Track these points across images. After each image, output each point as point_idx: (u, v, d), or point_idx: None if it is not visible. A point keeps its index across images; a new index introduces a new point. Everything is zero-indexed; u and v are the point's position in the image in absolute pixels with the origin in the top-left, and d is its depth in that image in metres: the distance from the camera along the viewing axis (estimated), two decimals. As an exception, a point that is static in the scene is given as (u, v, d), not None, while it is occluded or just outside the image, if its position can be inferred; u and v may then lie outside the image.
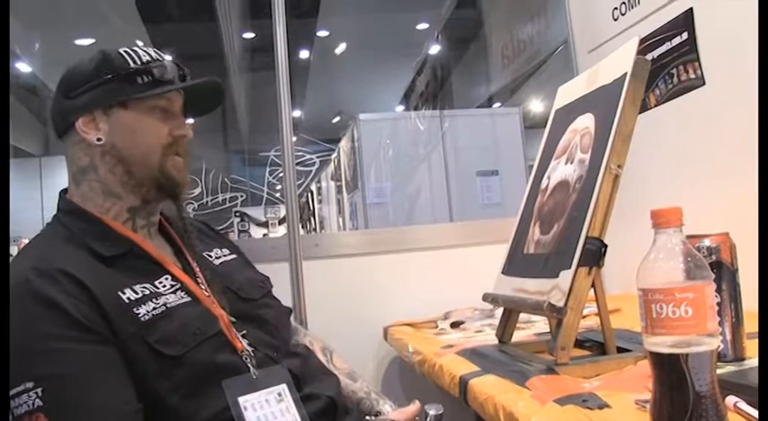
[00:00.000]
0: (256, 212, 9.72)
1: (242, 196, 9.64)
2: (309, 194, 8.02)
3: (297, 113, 9.11)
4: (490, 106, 5.73)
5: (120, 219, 1.07)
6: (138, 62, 1.06)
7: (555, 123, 1.38)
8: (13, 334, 0.85)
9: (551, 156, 1.33)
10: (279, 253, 1.91)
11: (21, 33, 5.80)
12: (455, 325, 1.68)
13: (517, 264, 1.31)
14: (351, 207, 5.06)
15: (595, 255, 1.06)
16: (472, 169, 4.24)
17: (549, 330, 1.31)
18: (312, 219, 7.66)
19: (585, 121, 1.22)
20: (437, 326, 1.73)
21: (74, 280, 0.91)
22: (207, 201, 9.40)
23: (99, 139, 1.05)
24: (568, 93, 1.37)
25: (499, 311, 1.60)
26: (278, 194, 9.57)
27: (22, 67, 6.98)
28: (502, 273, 1.35)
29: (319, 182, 7.61)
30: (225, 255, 1.21)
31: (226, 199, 9.59)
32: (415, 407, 1.10)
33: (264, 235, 8.72)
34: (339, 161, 5.55)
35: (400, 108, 8.07)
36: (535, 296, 1.15)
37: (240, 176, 9.67)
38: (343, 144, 5.24)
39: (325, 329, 1.83)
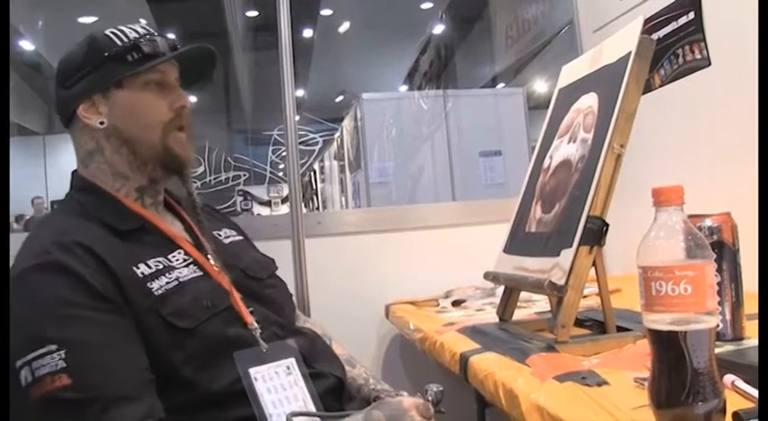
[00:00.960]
0: (259, 191, 9.72)
1: (245, 175, 9.63)
2: (312, 173, 8.02)
3: (300, 93, 9.08)
4: (494, 86, 5.70)
5: (130, 198, 1.08)
6: (126, 40, 1.06)
7: (558, 102, 1.37)
8: (35, 301, 0.87)
9: (554, 136, 1.33)
10: (281, 230, 1.91)
11: (24, 11, 5.77)
12: (456, 303, 1.69)
13: (519, 242, 1.31)
14: (353, 186, 5.07)
15: (597, 234, 1.06)
16: (475, 149, 4.24)
17: (549, 309, 1.31)
18: (315, 198, 7.66)
19: (589, 101, 1.21)
20: (438, 305, 1.74)
21: (91, 252, 0.92)
22: (210, 181, 9.39)
23: (101, 123, 1.05)
24: (572, 72, 1.36)
25: (500, 290, 1.61)
26: (281, 173, 9.56)
27: (26, 44, 6.94)
28: (503, 251, 1.36)
29: (322, 161, 7.60)
30: (232, 236, 1.22)
31: (229, 178, 9.58)
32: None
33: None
34: (342, 140, 5.54)
35: (404, 88, 8.02)
36: (536, 274, 1.15)
37: (243, 155, 9.65)
38: (347, 123, 5.23)
39: (328, 307, 1.86)
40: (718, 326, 0.69)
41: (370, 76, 7.97)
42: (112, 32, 1.06)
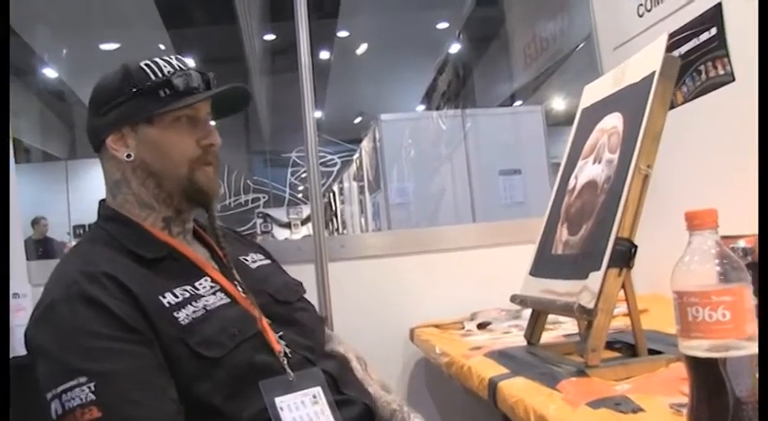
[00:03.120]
0: (279, 213, 9.77)
1: (264, 197, 9.68)
2: (331, 195, 8.04)
3: (318, 114, 9.11)
4: (512, 104, 5.70)
5: (157, 227, 1.09)
6: (160, 75, 1.06)
7: (581, 123, 1.36)
8: (63, 332, 0.89)
9: (578, 156, 1.32)
10: (304, 254, 1.92)
11: (48, 40, 5.89)
12: (482, 326, 1.68)
13: (545, 265, 1.30)
14: (373, 207, 5.06)
15: (625, 255, 1.04)
16: (494, 168, 4.23)
17: (577, 331, 1.29)
18: (334, 219, 7.67)
19: (613, 121, 1.20)
20: (464, 328, 1.72)
21: (118, 283, 0.93)
22: (230, 203, 9.45)
23: (128, 156, 1.07)
24: (595, 92, 1.36)
25: (526, 312, 1.60)
26: (300, 195, 9.61)
27: (49, 72, 7.05)
28: (530, 274, 1.34)
29: (341, 182, 7.62)
30: (260, 260, 1.23)
31: (248, 200, 9.64)
32: None
33: (286, 238, 8.75)
34: (361, 161, 5.55)
35: (421, 108, 8.04)
36: (564, 297, 1.14)
37: (262, 178, 9.72)
38: (365, 144, 5.24)
39: (352, 331, 1.83)
40: (757, 351, 0.67)
41: (387, 97, 8.00)
42: (147, 65, 1.07)
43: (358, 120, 7.83)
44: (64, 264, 1.02)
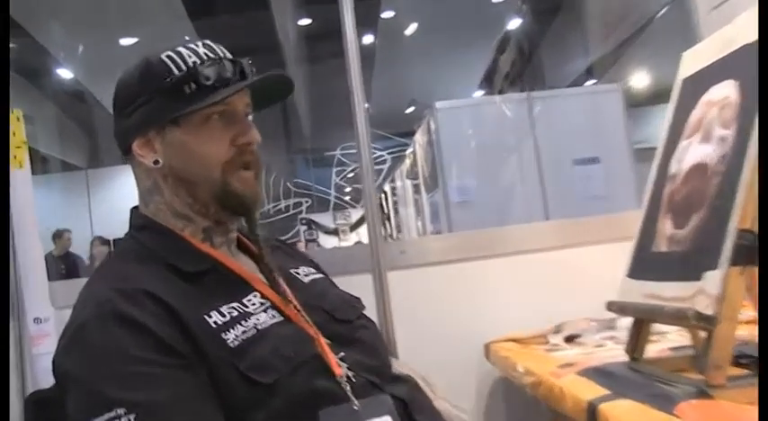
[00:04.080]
0: (324, 219, 9.85)
1: (307, 202, 9.77)
2: (383, 196, 8.05)
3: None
4: (582, 84, 5.61)
5: (197, 237, 1.08)
6: (183, 67, 1.03)
7: (683, 96, 1.30)
8: (96, 357, 0.88)
9: (680, 136, 1.26)
10: (359, 263, 1.90)
11: (62, 38, 6.03)
12: (570, 339, 1.64)
13: (646, 265, 1.24)
14: (431, 208, 5.05)
15: (750, 251, 0.98)
16: (568, 158, 4.21)
17: (688, 344, 1.24)
18: (387, 223, 7.68)
19: (725, 90, 1.14)
20: (548, 341, 1.69)
21: (159, 301, 0.92)
22: (269, 210, 9.58)
23: (156, 162, 1.05)
24: (697, 58, 1.29)
25: (621, 321, 1.55)
26: (347, 197, 9.67)
27: (64, 73, 7.19)
28: (627, 276, 1.29)
29: (393, 181, 7.63)
30: (312, 273, 1.20)
31: (289, 205, 9.75)
32: None
33: (335, 247, 8.79)
34: (415, 157, 5.54)
35: (480, 93, 7.99)
36: (673, 303, 1.08)
37: (304, 180, 9.83)
38: (419, 137, 5.23)
39: (417, 349, 1.83)
40: None
41: (441, 83, 7.97)
42: (168, 57, 1.04)
43: (410, 110, 7.83)
44: (93, 282, 1.01)
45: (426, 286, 1.96)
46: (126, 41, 5.97)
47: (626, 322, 1.35)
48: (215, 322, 0.94)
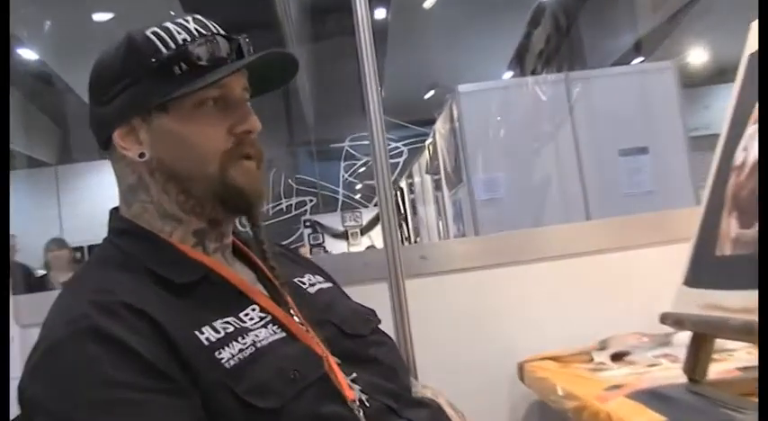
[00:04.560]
0: (331, 220, 9.88)
1: (311, 201, 9.81)
2: (399, 193, 8.07)
3: (374, 91, 9.12)
4: (629, 62, 5.59)
5: (187, 243, 1.07)
6: (172, 44, 1.03)
7: (750, 73, 1.29)
8: (71, 382, 0.87)
9: (746, 120, 1.25)
10: (374, 271, 1.90)
11: (25, 12, 5.99)
12: (617, 357, 1.64)
13: (707, 270, 1.24)
14: (454, 207, 5.06)
15: (830, 253, 0.97)
16: (612, 148, 4.21)
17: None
18: (404, 224, 7.69)
19: (799, 67, 1.12)
20: (592, 360, 1.69)
21: (142, 315, 0.91)
22: (267, 210, 9.62)
23: (141, 155, 1.05)
24: None
25: (677, 337, 1.55)
26: (358, 195, 9.68)
27: (28, 54, 7.07)
28: (684, 284, 1.29)
29: (410, 176, 7.65)
30: (319, 282, 1.21)
31: (291, 205, 9.80)
32: None
33: (344, 252, 8.76)
34: (435, 148, 5.55)
35: (509, 74, 7.98)
36: (740, 315, 1.07)
37: (308, 176, 9.85)
38: (440, 126, 5.24)
39: (440, 368, 1.83)
40: None
41: (465, 63, 7.98)
42: (155, 34, 1.04)
43: (429, 94, 7.82)
44: (66, 294, 1.01)
45: (450, 296, 1.97)
46: (100, 17, 5.97)
47: (683, 337, 1.34)
48: (207, 339, 0.94)
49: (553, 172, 4.23)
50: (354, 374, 1.02)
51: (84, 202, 8.52)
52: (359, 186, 10.36)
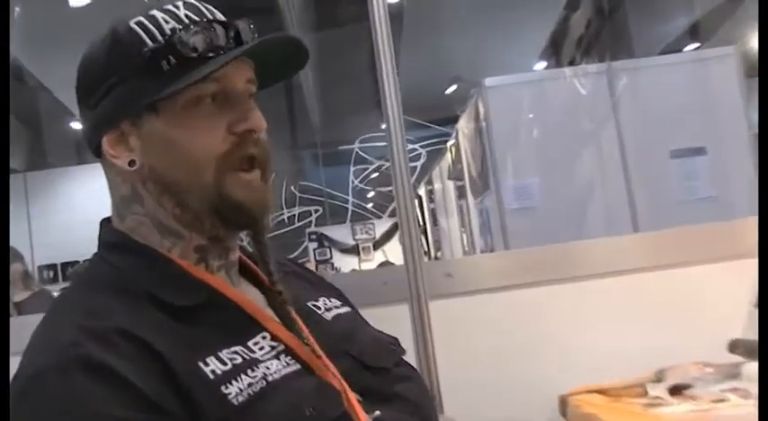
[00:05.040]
0: (340, 233, 9.88)
1: (317, 211, 9.80)
2: (417, 201, 8.08)
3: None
4: (681, 50, 5.57)
5: (188, 260, 1.07)
6: (158, 37, 1.02)
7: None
8: (57, 418, 0.87)
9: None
10: (393, 290, 1.91)
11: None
12: (677, 390, 1.63)
13: (783, 290, 1.21)
14: (481, 217, 5.05)
15: None
16: (664, 148, 4.18)
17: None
18: (423, 237, 7.69)
19: None
20: (647, 393, 1.69)
21: (139, 343, 0.91)
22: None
23: (131, 163, 1.04)
24: None
25: (748, 367, 1.54)
26: (370, 205, 9.67)
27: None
28: (756, 306, 1.26)
29: (430, 183, 7.65)
30: (335, 307, 1.20)
31: (294, 216, 9.81)
32: None
33: (354, 269, 8.73)
34: (458, 150, 5.55)
35: (542, 65, 7.97)
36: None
37: (313, 182, 9.85)
38: (463, 125, 5.24)
39: (469, 401, 1.86)
40: None
41: (492, 53, 7.97)
42: (139, 24, 1.03)
43: (451, 89, 7.83)
44: (52, 318, 1.00)
45: (480, 319, 1.97)
46: (78, 1, 5.99)
47: (755, 368, 1.33)
48: (213, 371, 0.93)
49: (595, 177, 4.22)
50: (378, 413, 1.02)
51: (57, 214, 8.53)
52: (371, 194, 10.37)
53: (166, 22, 1.03)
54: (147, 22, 1.03)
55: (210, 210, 1.04)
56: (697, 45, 5.49)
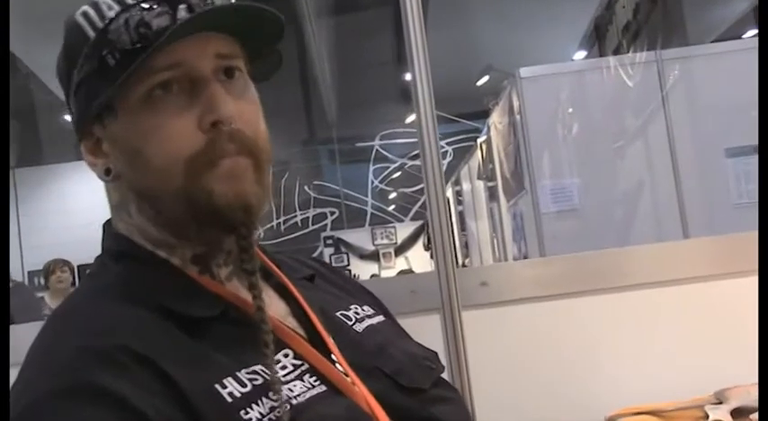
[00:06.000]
0: (358, 237, 9.87)
1: (333, 213, 9.80)
2: (443, 204, 8.10)
3: (409, 76, 9.12)
4: (741, 36, 5.53)
5: (189, 271, 1.05)
6: (99, 23, 0.99)
7: None
8: None
9: None
10: (422, 300, 1.91)
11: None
12: (741, 414, 1.63)
13: None
14: (514, 221, 5.05)
15: None
16: (718, 146, 4.21)
17: None
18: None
19: None
20: (707, 417, 1.67)
21: (149, 365, 0.89)
22: (278, 224, 9.63)
23: (107, 171, 1.04)
24: None
25: None
26: (391, 207, 9.64)
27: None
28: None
29: (458, 183, 7.66)
30: (368, 316, 1.19)
31: (308, 218, 9.81)
32: None
33: (373, 275, 8.72)
34: (489, 147, 5.56)
35: (582, 54, 7.94)
36: None
37: (329, 183, 9.83)
38: (495, 120, 5.25)
39: (505, 420, 1.82)
40: None
41: (528, 41, 7.97)
42: (84, 14, 1.01)
43: (482, 81, 7.81)
44: (51, 333, 0.99)
45: (518, 332, 1.97)
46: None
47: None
48: (231, 394, 0.92)
49: (641, 178, 4.24)
50: None
51: (50, 215, 8.58)
52: (392, 195, 10.37)
53: (110, 8, 0.99)
54: (90, 11, 1.00)
55: (191, 215, 1.01)
56: (755, 32, 5.45)
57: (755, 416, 1.60)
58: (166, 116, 0.98)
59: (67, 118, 1.10)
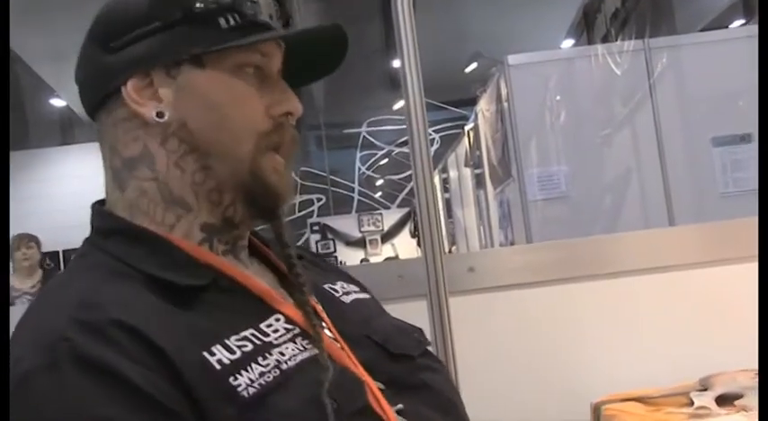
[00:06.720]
0: (344, 224, 9.86)
1: (319, 199, 9.79)
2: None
3: (396, 63, 9.11)
4: (728, 25, 5.54)
5: (192, 239, 1.06)
6: None
7: None
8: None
9: None
10: (410, 285, 1.92)
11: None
12: (725, 400, 1.63)
13: None
14: (501, 208, 5.06)
15: None
16: (705, 135, 4.20)
17: None
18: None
19: None
20: (691, 403, 1.68)
21: (138, 335, 0.90)
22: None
23: (159, 114, 1.03)
24: None
25: None
26: (378, 194, 9.64)
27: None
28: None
29: (444, 171, 7.67)
30: (354, 291, 1.20)
31: (294, 205, 9.78)
32: None
33: (363, 260, 8.75)
34: (476, 134, 5.56)
35: (570, 42, 7.95)
36: None
37: (315, 169, 9.83)
38: (483, 107, 5.24)
39: (491, 407, 1.84)
40: None
41: (516, 28, 7.97)
42: None
43: (470, 68, 7.80)
44: (40, 309, 0.99)
45: (505, 318, 1.98)
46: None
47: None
48: (220, 361, 0.92)
49: (629, 164, 4.23)
50: (401, 406, 1.01)
51: (37, 200, 8.55)
52: (379, 182, 10.37)
53: None
54: None
55: (236, 185, 1.05)
56: (743, 21, 5.46)
57: (740, 402, 1.62)
58: (246, 90, 1.04)
59: (55, 102, 1.09)
